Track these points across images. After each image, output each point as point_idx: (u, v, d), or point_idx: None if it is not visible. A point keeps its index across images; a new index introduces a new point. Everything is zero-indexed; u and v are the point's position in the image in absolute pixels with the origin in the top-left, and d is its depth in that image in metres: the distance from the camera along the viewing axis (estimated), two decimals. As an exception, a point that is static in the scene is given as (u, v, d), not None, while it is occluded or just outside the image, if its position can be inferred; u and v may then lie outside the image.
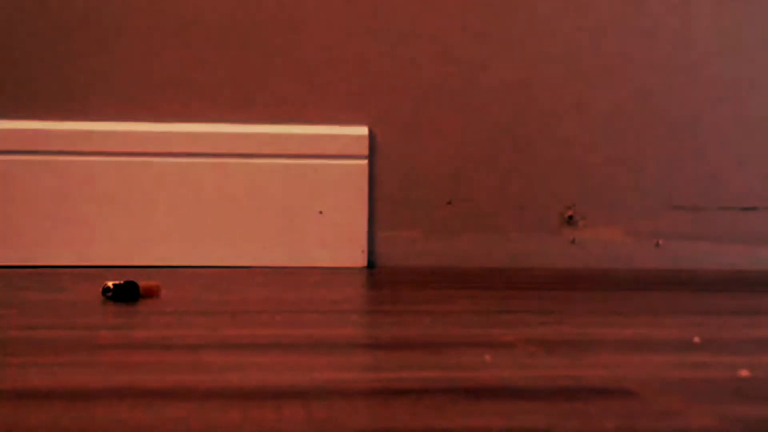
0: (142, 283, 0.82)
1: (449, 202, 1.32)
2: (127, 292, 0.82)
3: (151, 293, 0.83)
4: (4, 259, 1.24)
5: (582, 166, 1.34)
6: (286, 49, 1.31)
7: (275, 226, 1.28)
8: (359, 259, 1.29)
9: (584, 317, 0.76)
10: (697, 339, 0.59)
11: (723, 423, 0.37)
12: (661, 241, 1.34)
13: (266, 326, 0.68)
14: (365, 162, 1.30)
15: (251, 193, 1.28)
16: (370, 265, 1.31)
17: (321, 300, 0.92)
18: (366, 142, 1.30)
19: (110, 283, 0.82)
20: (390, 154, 1.32)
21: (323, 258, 1.28)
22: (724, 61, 1.36)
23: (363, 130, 1.30)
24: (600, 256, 1.33)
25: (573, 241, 1.33)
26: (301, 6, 1.31)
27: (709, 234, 1.35)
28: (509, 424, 0.37)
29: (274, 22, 1.31)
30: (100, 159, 1.27)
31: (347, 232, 1.29)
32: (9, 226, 1.25)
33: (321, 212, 1.28)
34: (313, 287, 1.02)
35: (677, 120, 1.35)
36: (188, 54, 1.30)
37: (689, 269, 1.31)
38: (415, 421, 0.38)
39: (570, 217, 1.34)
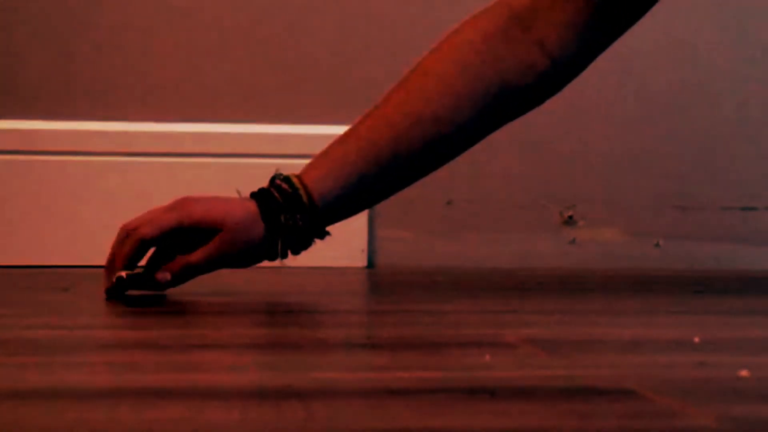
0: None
1: (449, 202, 1.32)
2: (140, 282, 0.82)
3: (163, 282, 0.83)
4: (4, 259, 1.24)
5: (582, 166, 1.34)
6: (286, 48, 1.31)
7: (275, 226, 1.28)
8: (359, 259, 1.29)
9: (584, 317, 0.77)
10: (697, 339, 0.59)
11: (723, 423, 0.37)
12: (661, 241, 1.34)
13: (266, 326, 0.68)
14: (365, 162, 1.29)
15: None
16: (370, 265, 1.31)
17: (321, 300, 0.92)
18: (366, 142, 1.29)
19: (123, 273, 0.81)
20: (390, 154, 1.32)
21: (323, 258, 1.28)
22: (724, 61, 1.36)
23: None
24: (600, 256, 1.33)
25: (573, 241, 1.33)
26: (301, 5, 1.31)
27: (709, 234, 1.35)
28: (509, 424, 0.37)
29: (273, 21, 1.31)
30: (100, 159, 1.27)
31: (347, 232, 1.29)
32: (9, 226, 1.24)
33: (321, 212, 1.28)
34: (313, 287, 1.03)
35: (677, 120, 1.35)
36: (188, 54, 1.30)
37: (689, 269, 1.31)
38: (415, 421, 0.38)
39: (570, 217, 1.34)
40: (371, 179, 0.87)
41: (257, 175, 1.29)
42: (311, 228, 0.86)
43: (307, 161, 1.32)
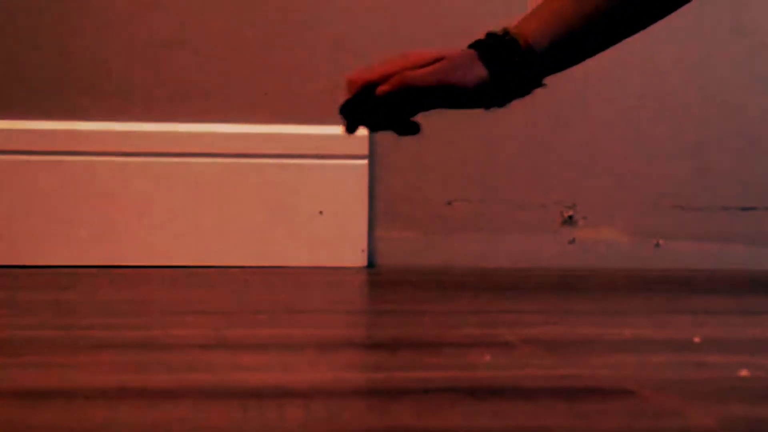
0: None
1: (449, 202, 1.32)
2: (365, 107, 0.87)
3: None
4: (4, 259, 1.24)
5: (582, 166, 1.34)
6: (286, 48, 1.31)
7: (275, 226, 1.28)
8: (359, 259, 1.29)
9: (584, 317, 0.76)
10: (697, 339, 0.59)
11: (723, 423, 0.37)
12: (661, 241, 1.34)
13: (266, 326, 0.68)
14: (365, 162, 1.30)
15: (251, 193, 1.28)
16: (370, 265, 1.31)
17: (321, 300, 0.92)
18: (366, 142, 1.29)
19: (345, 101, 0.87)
20: (390, 154, 1.32)
21: (323, 258, 1.28)
22: (724, 63, 1.36)
23: (363, 130, 1.30)
24: (600, 256, 1.33)
25: (573, 241, 1.33)
26: (300, 6, 1.31)
27: (709, 234, 1.35)
28: (509, 424, 0.37)
29: (274, 21, 1.31)
30: (100, 159, 1.27)
31: (347, 232, 1.29)
32: (9, 226, 1.25)
33: (321, 212, 1.28)
34: (313, 287, 1.03)
35: (677, 120, 1.35)
36: (188, 54, 1.30)
37: (689, 269, 1.31)
38: (415, 421, 0.38)
39: (570, 217, 1.34)
40: (580, 36, 0.91)
41: (258, 175, 1.29)
42: (529, 73, 0.90)
43: (306, 161, 1.33)
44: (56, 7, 1.28)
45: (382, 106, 0.89)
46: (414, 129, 0.94)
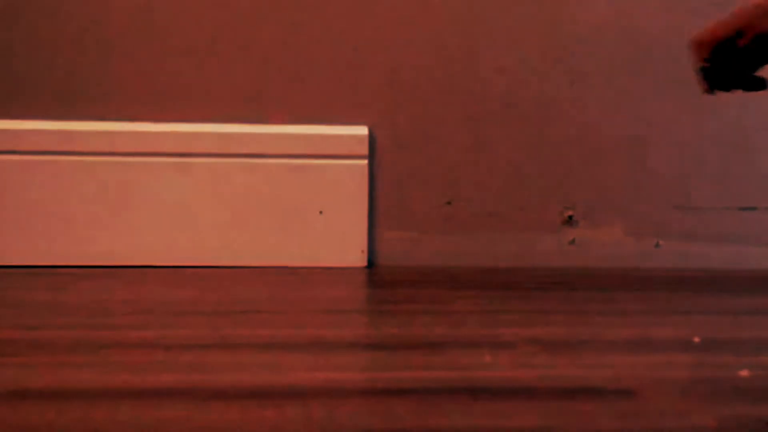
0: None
1: (449, 202, 1.32)
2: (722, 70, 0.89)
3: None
4: (5, 259, 1.24)
5: (582, 166, 1.34)
6: (286, 49, 1.31)
7: (275, 226, 1.28)
8: (359, 259, 1.29)
9: (584, 317, 0.76)
10: (697, 339, 0.59)
11: (723, 423, 0.37)
12: (661, 241, 1.34)
13: (266, 326, 0.68)
14: (365, 162, 1.30)
15: (251, 193, 1.28)
16: (370, 265, 1.31)
17: (321, 300, 0.92)
18: (366, 142, 1.29)
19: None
20: (390, 154, 1.32)
21: (323, 258, 1.28)
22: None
23: (363, 130, 1.30)
24: (600, 256, 1.33)
25: (573, 241, 1.33)
26: (301, 6, 1.31)
27: (709, 234, 1.35)
28: (509, 424, 0.37)
29: (274, 22, 1.31)
30: (99, 159, 1.27)
31: (347, 232, 1.29)
32: (9, 226, 1.25)
33: (321, 212, 1.28)
34: (313, 287, 1.03)
35: (677, 121, 1.35)
36: (188, 54, 1.30)
37: (689, 269, 1.31)
38: (415, 421, 0.38)
39: (570, 217, 1.34)
40: None
41: (258, 175, 1.29)
42: None
43: (306, 161, 1.33)
44: (57, 8, 1.28)
45: (739, 61, 0.90)
46: (762, 84, 0.94)
